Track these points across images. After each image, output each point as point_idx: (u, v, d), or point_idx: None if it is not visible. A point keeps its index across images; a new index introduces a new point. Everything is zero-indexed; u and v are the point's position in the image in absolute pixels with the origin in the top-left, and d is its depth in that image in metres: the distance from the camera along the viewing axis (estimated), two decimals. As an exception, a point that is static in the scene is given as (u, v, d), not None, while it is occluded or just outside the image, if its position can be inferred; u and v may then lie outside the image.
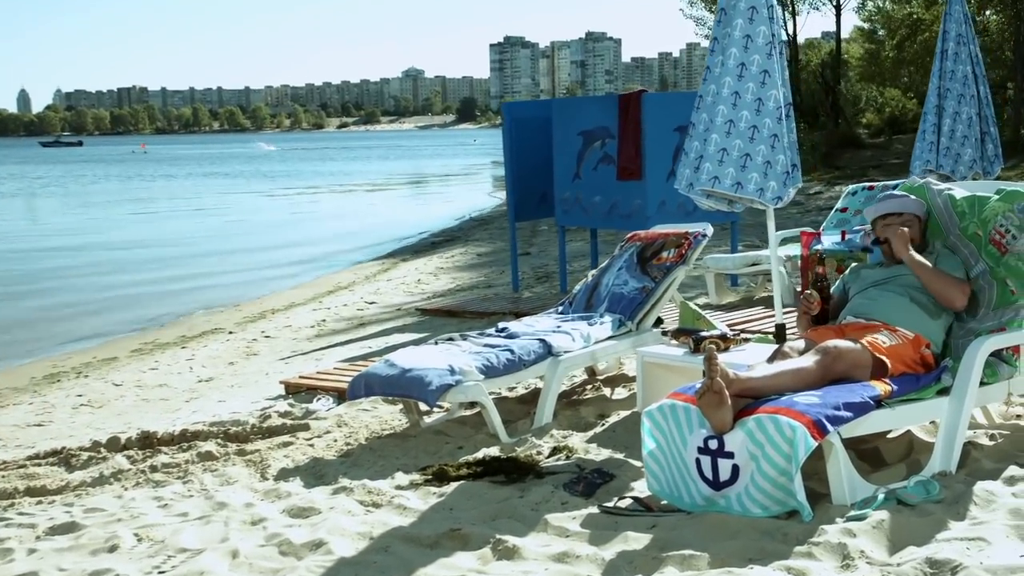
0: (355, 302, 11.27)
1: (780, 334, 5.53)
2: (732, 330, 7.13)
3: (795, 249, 8.49)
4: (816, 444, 3.59)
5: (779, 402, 3.77)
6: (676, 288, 6.02)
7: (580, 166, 9.59)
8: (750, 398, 3.85)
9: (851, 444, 4.39)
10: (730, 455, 3.73)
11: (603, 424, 5.23)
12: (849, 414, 3.74)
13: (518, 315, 8.16)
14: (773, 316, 6.98)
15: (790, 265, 8.23)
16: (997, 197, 4.56)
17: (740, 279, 9.73)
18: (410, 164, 62.62)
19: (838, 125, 29.82)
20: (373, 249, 18.20)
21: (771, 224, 5.67)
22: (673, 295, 6.09)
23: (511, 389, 6.18)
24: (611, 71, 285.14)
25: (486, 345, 5.39)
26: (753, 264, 8.32)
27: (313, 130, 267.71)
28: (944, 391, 4.13)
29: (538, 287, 10.91)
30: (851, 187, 9.75)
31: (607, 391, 5.95)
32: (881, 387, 3.94)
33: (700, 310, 5.80)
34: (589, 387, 6.06)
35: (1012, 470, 3.91)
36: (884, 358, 4.09)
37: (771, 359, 4.17)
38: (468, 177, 45.77)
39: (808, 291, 4.61)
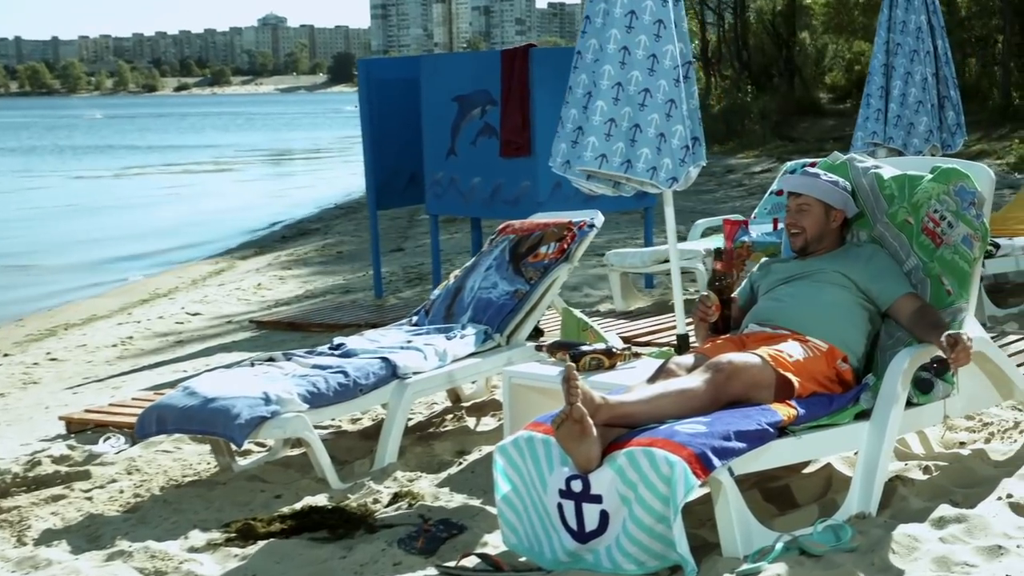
0: (174, 313, 11.15)
1: (683, 346, 5.65)
2: (632, 343, 7.25)
3: (718, 241, 8.67)
4: (699, 482, 3.67)
5: (657, 432, 3.84)
6: (557, 291, 6.09)
7: (455, 140, 9.62)
8: (623, 427, 3.92)
9: (756, 482, 4.53)
10: (597, 499, 3.79)
11: (461, 463, 5.26)
12: (742, 445, 3.83)
13: (377, 328, 8.15)
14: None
15: (711, 261, 8.38)
16: (931, 176, 4.73)
17: (656, 279, 9.88)
18: (267, 136, 62.07)
19: (794, 88, 30.48)
20: (207, 245, 18.00)
21: (669, 212, 5.79)
22: (554, 300, 6.16)
23: (355, 420, 6.19)
24: (523, 20, 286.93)
25: (315, 366, 5.38)
26: (667, 260, 8.44)
27: (143, 93, 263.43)
28: (864, 415, 4.26)
29: (407, 291, 10.94)
30: (789, 165, 10.00)
31: (471, 421, 5.99)
32: (784, 411, 4.05)
33: (587, 318, 5.87)
34: (450, 416, 6.10)
35: (943, 509, 4.06)
36: (790, 375, 4.19)
37: (653, 379, 4.25)
38: (340, 153, 45.51)
39: (705, 293, 4.71)
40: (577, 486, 3.82)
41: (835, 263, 4.67)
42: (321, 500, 4.83)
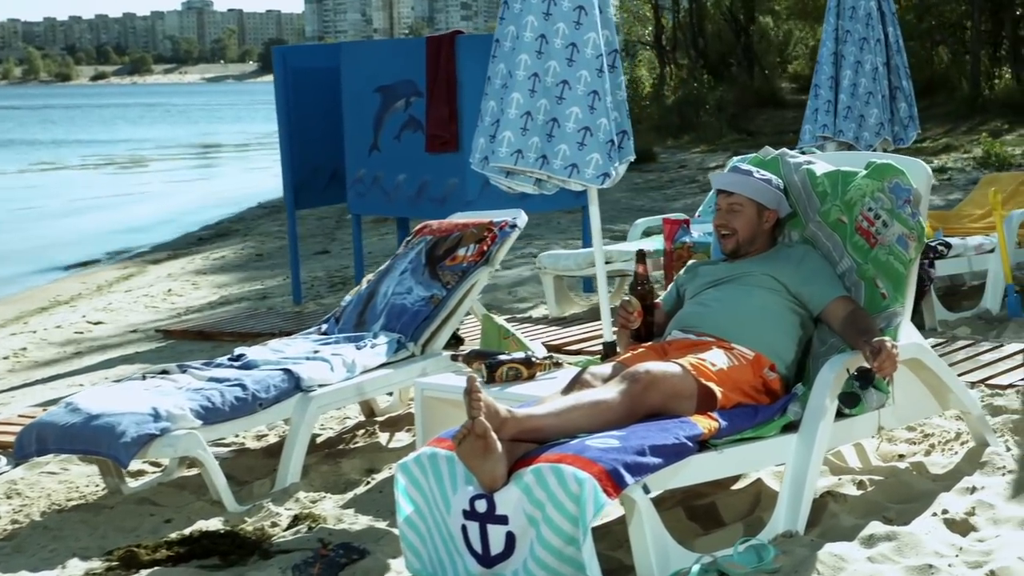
0: (74, 322, 11.06)
1: (610, 355, 5.67)
2: (562, 351, 7.28)
3: (660, 241, 8.71)
4: (610, 501, 3.68)
5: (567, 447, 3.85)
6: (477, 296, 6.10)
7: (378, 134, 9.63)
8: (532, 442, 3.93)
9: (681, 499, 4.56)
10: (503, 520, 3.79)
11: (369, 482, 5.26)
12: (657, 460, 3.85)
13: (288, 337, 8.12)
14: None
15: (650, 263, 8.43)
16: (864, 173, 4.79)
17: (595, 283, 9.91)
18: (190, 130, 61.72)
19: (753, 77, 30.72)
20: (116, 248, 17.85)
21: (594, 211, 5.82)
22: (473, 306, 6.17)
23: (259, 437, 6.17)
24: (469, 4, 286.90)
25: (211, 379, 5.36)
26: (604, 263, 8.46)
27: (56, 82, 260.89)
28: (792, 427, 4.30)
29: (329, 297, 10.92)
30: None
31: (383, 437, 5.99)
32: (705, 424, 4.07)
33: (508, 325, 5.89)
34: (362, 432, 6.10)
35: (874, 527, 4.11)
36: (712, 385, 4.23)
37: (567, 390, 4.27)
38: (271, 148, 45.31)
39: (626, 298, 4.74)
40: (482, 506, 3.82)
41: (764, 265, 4.71)
42: (215, 524, 4.81)
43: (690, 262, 5.16)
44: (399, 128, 9.51)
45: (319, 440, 6.02)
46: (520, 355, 5.30)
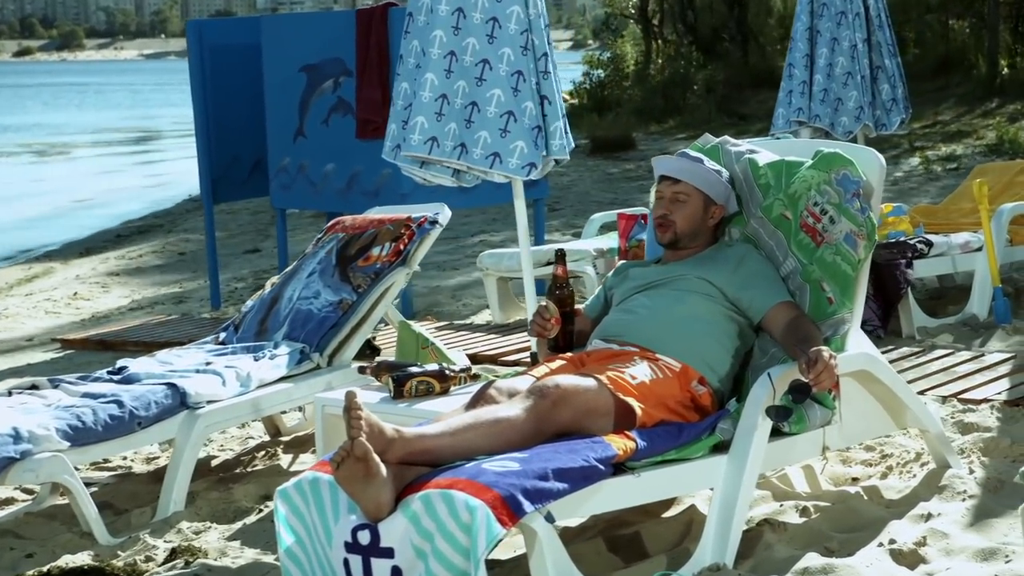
0: (-35, 330, 11.00)
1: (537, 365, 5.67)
2: (498, 362, 7.29)
3: (612, 239, 8.73)
4: (504, 532, 3.67)
5: (460, 471, 3.85)
6: (392, 301, 6.10)
7: (304, 119, 9.62)
8: (424, 466, 3.92)
9: (603, 529, 4.57)
10: (388, 553, 3.79)
11: (261, 510, 5.25)
12: (562, 486, 3.84)
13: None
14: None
15: (604, 263, 8.45)
16: (810, 163, 4.80)
17: (547, 285, 9.91)
18: (124, 114, 61.33)
19: (747, 55, 30.72)
20: (21, 246, 17.77)
21: (519, 205, 5.82)
22: (388, 312, 6.17)
23: (149, 460, 6.15)
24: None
25: (85, 395, 5.33)
26: (551, 263, 8.48)
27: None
28: (722, 447, 4.31)
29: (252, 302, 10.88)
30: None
31: (286, 459, 5.98)
32: (620, 444, 4.07)
33: (427, 334, 5.88)
34: (262, 453, 6.08)
35: (810, 559, 4.11)
36: (632, 401, 4.23)
37: (469, 406, 4.26)
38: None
39: (543, 303, 4.74)
40: (365, 538, 3.81)
41: (700, 268, 4.71)
42: (82, 559, 4.78)
43: (620, 263, 5.17)
44: (327, 112, 9.50)
45: (213, 463, 6.01)
46: (433, 367, 5.30)
